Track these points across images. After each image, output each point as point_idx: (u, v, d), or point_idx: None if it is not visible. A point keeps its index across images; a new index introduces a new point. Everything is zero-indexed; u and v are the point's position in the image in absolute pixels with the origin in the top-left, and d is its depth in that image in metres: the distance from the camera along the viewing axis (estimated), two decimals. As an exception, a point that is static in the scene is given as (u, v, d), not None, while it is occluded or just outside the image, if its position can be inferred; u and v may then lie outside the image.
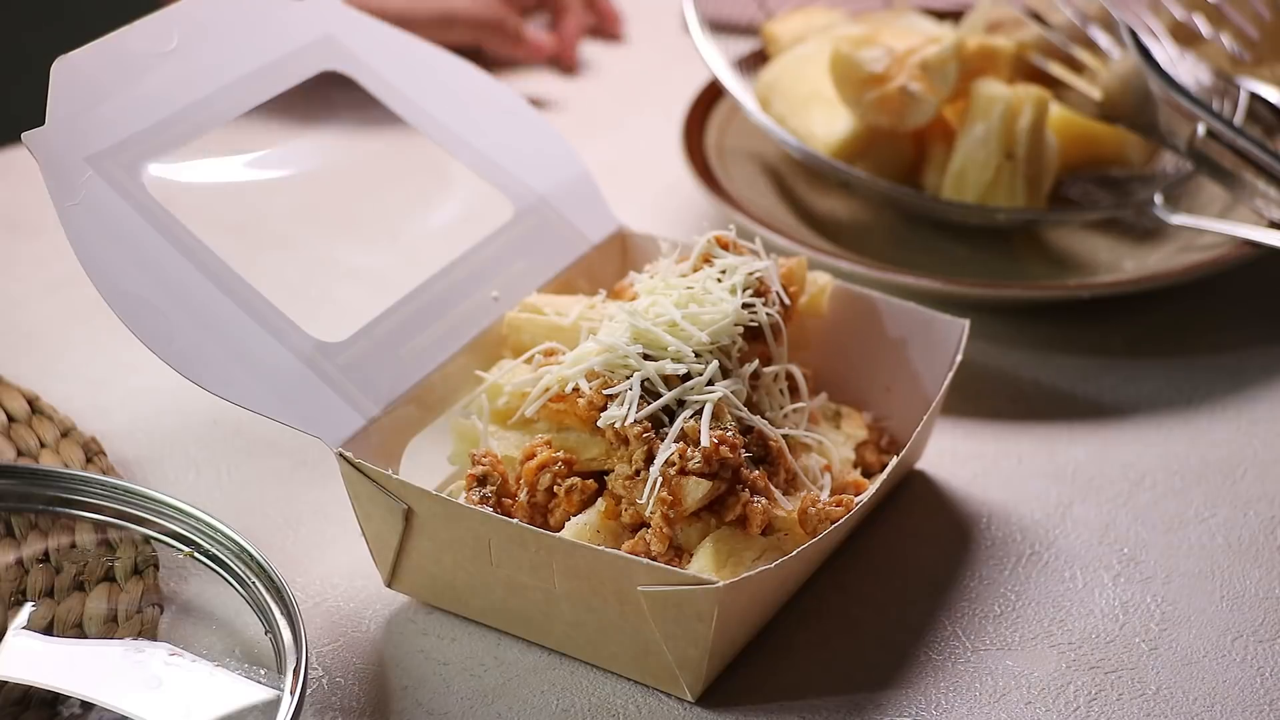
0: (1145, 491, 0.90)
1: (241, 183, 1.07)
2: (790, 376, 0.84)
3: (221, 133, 0.86)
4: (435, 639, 0.80)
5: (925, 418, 0.84)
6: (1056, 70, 1.12)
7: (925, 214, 1.10)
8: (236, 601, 0.78)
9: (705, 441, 0.75)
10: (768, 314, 0.82)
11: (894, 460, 0.82)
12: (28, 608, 0.78)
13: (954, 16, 1.21)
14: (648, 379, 0.78)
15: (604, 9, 1.41)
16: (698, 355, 0.79)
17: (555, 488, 0.77)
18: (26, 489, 0.83)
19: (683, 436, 0.76)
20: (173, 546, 0.80)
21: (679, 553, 0.76)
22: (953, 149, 1.08)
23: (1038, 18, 1.15)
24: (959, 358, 0.87)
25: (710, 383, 0.78)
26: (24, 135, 0.78)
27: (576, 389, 0.79)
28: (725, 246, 0.86)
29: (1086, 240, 1.11)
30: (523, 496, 0.78)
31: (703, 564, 0.74)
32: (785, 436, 0.80)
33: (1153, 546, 0.86)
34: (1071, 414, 0.96)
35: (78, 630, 0.78)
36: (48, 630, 0.77)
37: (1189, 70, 1.13)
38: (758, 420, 0.79)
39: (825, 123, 1.10)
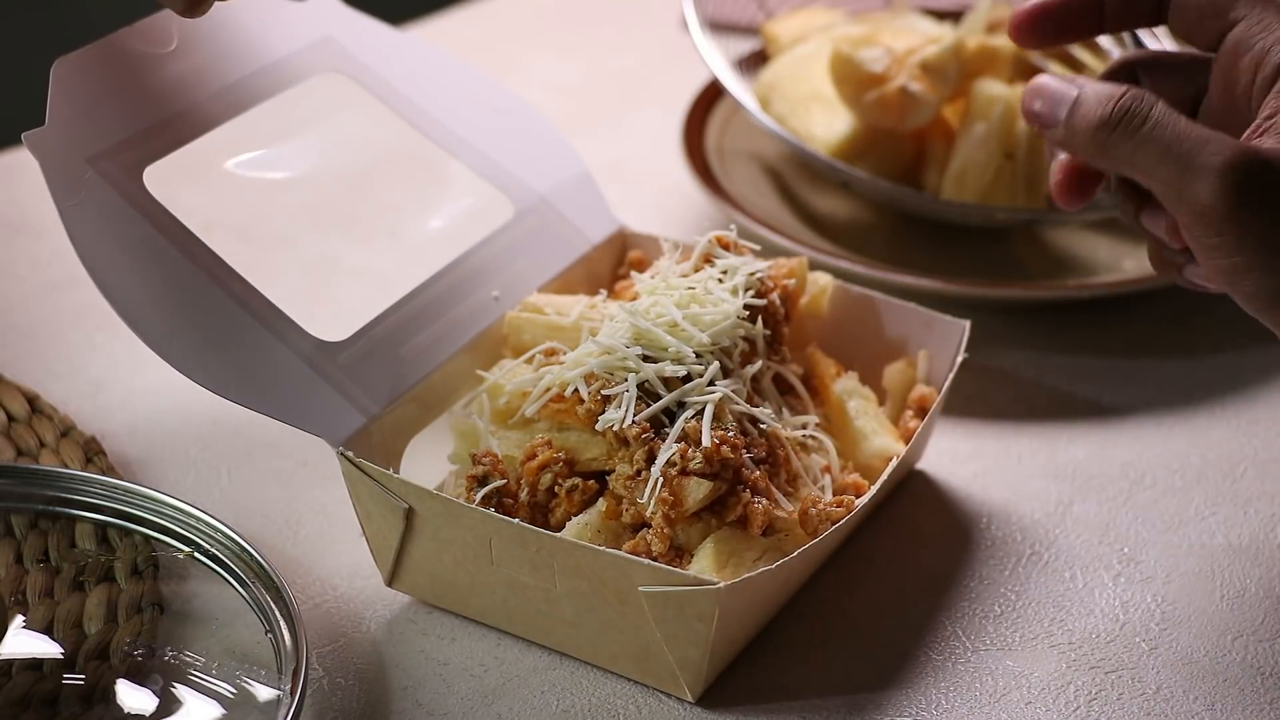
0: (1145, 491, 0.90)
1: (242, 182, 1.07)
2: (783, 378, 0.84)
3: (222, 133, 0.86)
4: (435, 639, 0.80)
5: (926, 418, 0.84)
6: (1056, 70, 1.12)
7: (925, 214, 1.10)
8: (236, 602, 0.78)
9: (706, 441, 0.75)
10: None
11: (894, 460, 0.82)
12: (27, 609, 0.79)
13: (954, 16, 1.20)
14: (646, 380, 0.77)
15: None
16: (699, 356, 0.79)
17: (556, 488, 0.77)
18: (26, 489, 0.83)
19: (684, 437, 0.76)
20: (173, 546, 0.80)
21: (680, 553, 0.76)
22: (953, 149, 1.08)
23: (1038, 18, 1.15)
24: (960, 358, 0.87)
25: (711, 383, 0.78)
26: (24, 135, 0.78)
27: (576, 393, 0.78)
28: (726, 247, 0.87)
29: (1086, 240, 1.11)
30: (524, 496, 0.78)
31: (703, 564, 0.74)
32: (786, 437, 0.80)
33: (1153, 546, 0.86)
34: (1071, 414, 0.96)
35: (78, 630, 0.78)
36: (48, 630, 0.77)
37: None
38: (761, 414, 0.79)
39: (825, 123, 1.10)
